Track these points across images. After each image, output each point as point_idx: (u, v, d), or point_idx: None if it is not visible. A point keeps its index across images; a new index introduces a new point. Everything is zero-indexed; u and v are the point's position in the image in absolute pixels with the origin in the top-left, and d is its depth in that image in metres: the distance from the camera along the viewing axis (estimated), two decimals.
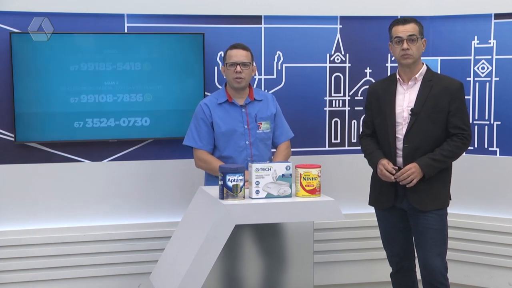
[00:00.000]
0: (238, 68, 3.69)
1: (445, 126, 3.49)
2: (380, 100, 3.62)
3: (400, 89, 3.57)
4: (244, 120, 3.78)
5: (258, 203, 3.20)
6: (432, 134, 3.48)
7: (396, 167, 3.50)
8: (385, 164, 3.50)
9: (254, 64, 3.85)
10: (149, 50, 4.28)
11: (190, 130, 3.82)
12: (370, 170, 3.71)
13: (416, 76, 3.53)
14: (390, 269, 3.80)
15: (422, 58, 3.63)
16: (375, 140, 3.67)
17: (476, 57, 4.54)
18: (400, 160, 3.52)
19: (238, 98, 3.79)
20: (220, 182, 3.23)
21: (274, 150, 3.96)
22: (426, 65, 3.59)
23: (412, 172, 3.43)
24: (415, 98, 3.51)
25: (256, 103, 3.82)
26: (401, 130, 3.52)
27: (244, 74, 3.71)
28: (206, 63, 4.35)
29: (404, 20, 3.55)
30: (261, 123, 3.80)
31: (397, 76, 3.59)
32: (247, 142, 3.77)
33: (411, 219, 3.57)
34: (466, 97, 3.60)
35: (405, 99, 3.54)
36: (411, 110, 3.48)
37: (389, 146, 3.54)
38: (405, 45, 3.48)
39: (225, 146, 3.77)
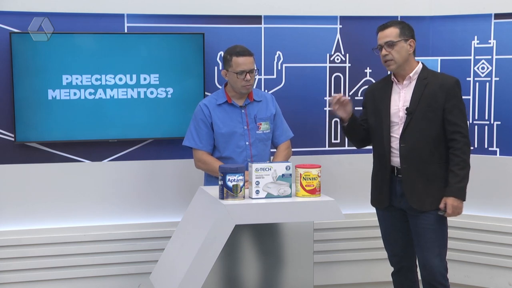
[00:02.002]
0: (248, 76, 3.68)
1: (442, 124, 3.47)
2: (375, 100, 3.63)
3: (395, 88, 3.58)
4: (243, 121, 3.78)
5: (258, 203, 3.20)
6: (428, 133, 3.46)
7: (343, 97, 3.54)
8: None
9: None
10: (149, 50, 4.28)
11: (189, 131, 3.81)
12: (370, 170, 3.71)
13: (411, 75, 3.53)
14: (390, 269, 3.80)
15: (422, 58, 3.63)
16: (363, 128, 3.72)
17: (476, 57, 4.54)
18: (395, 159, 3.51)
19: (238, 99, 3.79)
20: (220, 182, 3.23)
21: (274, 150, 3.96)
22: (422, 63, 3.58)
23: (451, 207, 3.42)
24: (410, 97, 3.50)
25: (255, 104, 3.82)
26: (397, 130, 3.51)
27: (252, 80, 3.72)
28: (206, 63, 4.35)
29: (384, 26, 3.55)
30: (260, 124, 3.80)
31: (392, 77, 3.60)
32: (247, 143, 3.77)
33: (410, 220, 3.57)
34: (466, 97, 3.61)
35: (401, 98, 3.53)
36: (406, 109, 3.48)
37: (384, 146, 3.54)
38: (383, 51, 3.51)
39: (225, 146, 3.77)
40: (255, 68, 3.75)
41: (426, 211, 3.47)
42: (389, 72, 3.66)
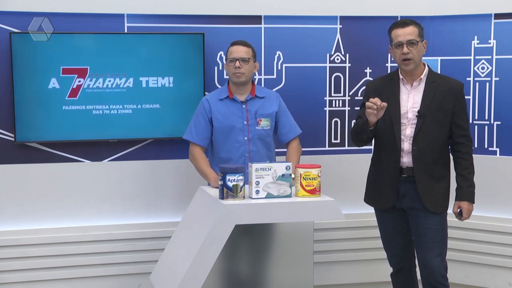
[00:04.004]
0: (237, 63, 3.72)
1: (449, 127, 3.49)
2: (381, 99, 3.57)
3: (403, 89, 3.55)
4: (243, 116, 3.79)
5: (258, 203, 3.20)
6: (437, 135, 3.48)
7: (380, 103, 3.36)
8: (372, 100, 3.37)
9: (257, 61, 3.85)
10: (149, 50, 4.28)
11: (190, 125, 3.87)
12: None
13: (422, 77, 3.52)
14: (390, 269, 3.80)
15: (422, 58, 3.62)
16: None
17: (476, 57, 4.54)
18: (402, 160, 3.51)
19: (239, 94, 3.81)
20: (220, 182, 3.23)
21: (277, 149, 3.97)
22: (428, 65, 3.58)
23: (467, 211, 3.54)
24: (420, 100, 3.49)
25: (257, 100, 3.84)
26: (404, 131, 3.51)
27: (244, 70, 3.73)
28: (206, 63, 4.35)
29: (403, 23, 3.50)
30: (260, 120, 3.81)
31: (400, 76, 3.57)
32: (246, 138, 3.78)
33: (411, 220, 3.56)
34: (466, 97, 3.61)
35: (410, 100, 3.52)
36: (418, 112, 3.47)
37: (393, 146, 3.52)
38: (405, 49, 3.45)
39: (224, 141, 3.78)
40: (249, 59, 3.75)
41: (435, 213, 3.47)
42: (389, 71, 3.65)
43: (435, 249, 3.49)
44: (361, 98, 4.60)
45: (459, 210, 3.54)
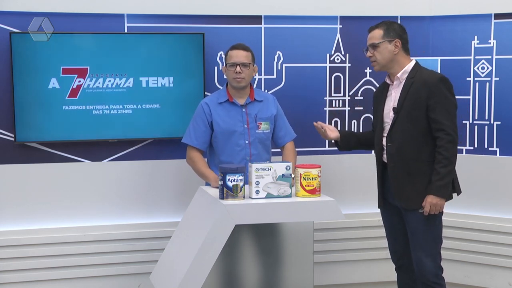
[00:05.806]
0: (238, 68, 3.71)
1: (426, 121, 3.43)
2: (376, 102, 3.68)
3: (390, 89, 3.61)
4: (244, 119, 3.79)
5: (258, 203, 3.20)
6: (413, 132, 3.45)
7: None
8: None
9: (255, 64, 3.86)
10: (149, 50, 4.28)
11: (188, 128, 3.85)
12: (369, 170, 3.71)
13: (398, 75, 3.53)
14: (390, 269, 3.81)
15: (422, 58, 3.63)
16: (370, 132, 3.79)
17: (476, 57, 4.54)
18: (385, 157, 3.55)
19: (239, 98, 3.81)
20: (220, 182, 3.23)
21: (274, 149, 3.97)
22: (416, 61, 3.58)
23: (430, 205, 3.39)
24: (398, 97, 3.52)
25: (256, 104, 3.84)
26: (387, 130, 3.54)
27: (244, 74, 3.73)
28: (206, 63, 4.35)
29: (371, 28, 3.58)
30: (260, 123, 3.81)
31: (387, 78, 3.64)
32: (246, 142, 3.78)
33: (405, 218, 3.57)
34: (466, 97, 3.60)
35: (392, 99, 3.56)
36: (393, 109, 3.50)
37: (378, 145, 3.59)
38: (367, 53, 3.55)
39: (224, 145, 3.78)
40: (250, 63, 3.75)
41: (413, 210, 3.46)
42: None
43: (426, 249, 3.48)
44: (361, 98, 4.63)
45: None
